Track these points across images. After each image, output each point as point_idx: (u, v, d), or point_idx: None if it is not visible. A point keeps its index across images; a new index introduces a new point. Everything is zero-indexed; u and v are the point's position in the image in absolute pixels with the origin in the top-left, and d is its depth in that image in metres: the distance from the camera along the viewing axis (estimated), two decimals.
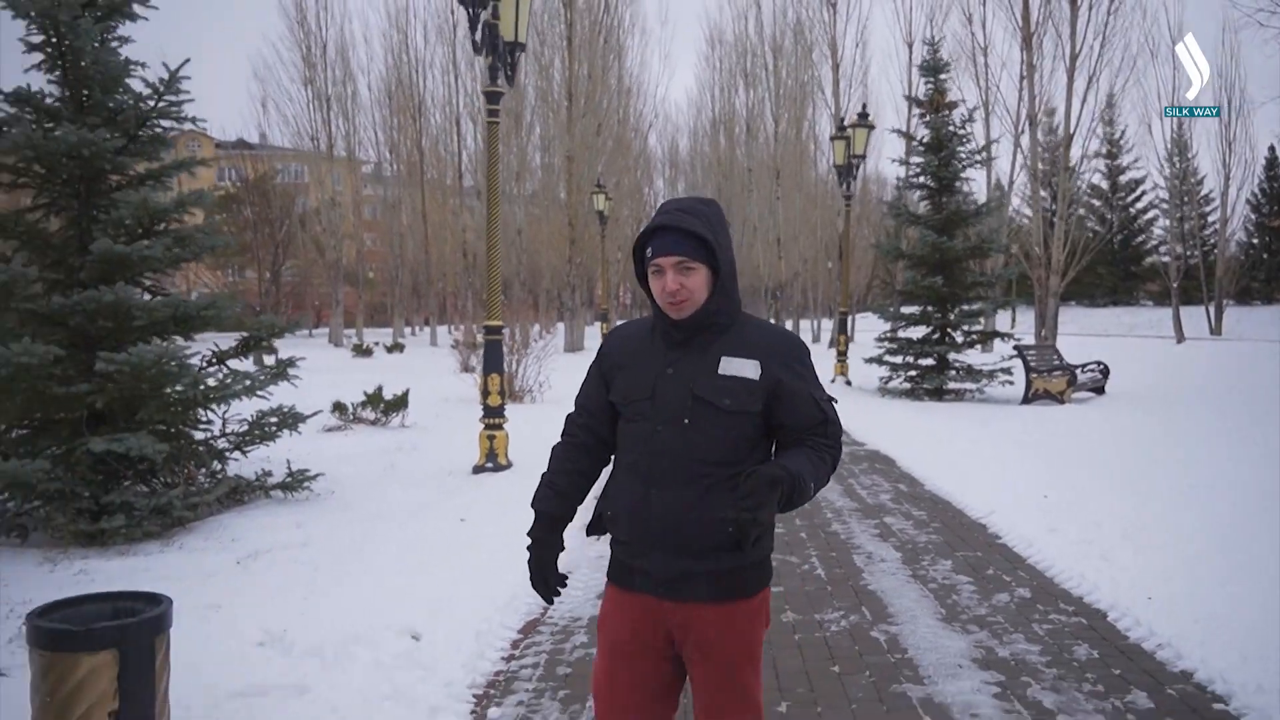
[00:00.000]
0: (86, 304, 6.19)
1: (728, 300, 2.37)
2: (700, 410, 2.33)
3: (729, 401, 2.32)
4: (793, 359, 2.38)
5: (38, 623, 3.16)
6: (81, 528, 5.99)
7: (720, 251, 2.33)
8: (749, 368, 2.33)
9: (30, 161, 6.41)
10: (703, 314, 2.34)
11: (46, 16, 6.10)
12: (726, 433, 2.33)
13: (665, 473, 2.34)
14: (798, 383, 2.36)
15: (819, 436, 2.37)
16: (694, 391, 2.33)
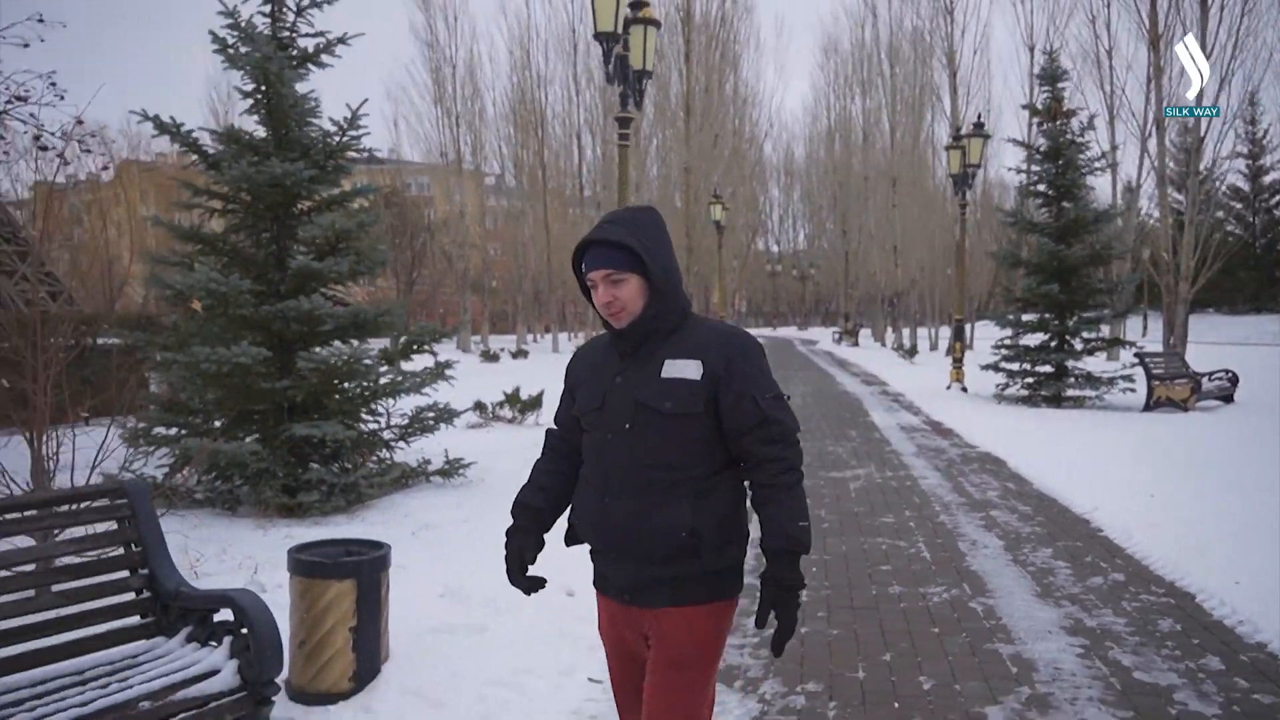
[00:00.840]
0: (287, 312, 7.29)
1: (667, 304, 2.38)
2: (643, 415, 2.35)
3: (670, 404, 2.32)
4: (735, 356, 2.35)
5: (299, 556, 4.09)
6: (283, 501, 7.05)
7: (651, 258, 2.34)
8: (691, 368, 2.33)
9: (240, 190, 7.55)
10: (642, 321, 2.37)
11: (259, 68, 7.22)
12: (672, 436, 2.33)
13: (619, 482, 2.38)
14: (737, 381, 2.33)
15: (761, 443, 2.33)
16: (636, 397, 2.36)
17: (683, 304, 2.43)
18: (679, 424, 2.33)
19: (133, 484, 3.82)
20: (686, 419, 2.32)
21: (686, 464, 2.33)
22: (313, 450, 7.47)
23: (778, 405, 2.35)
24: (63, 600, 3.48)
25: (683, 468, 2.33)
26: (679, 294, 2.41)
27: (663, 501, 2.33)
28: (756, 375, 2.35)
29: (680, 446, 2.34)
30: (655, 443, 2.34)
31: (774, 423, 2.32)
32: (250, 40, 7.27)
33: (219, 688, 3.31)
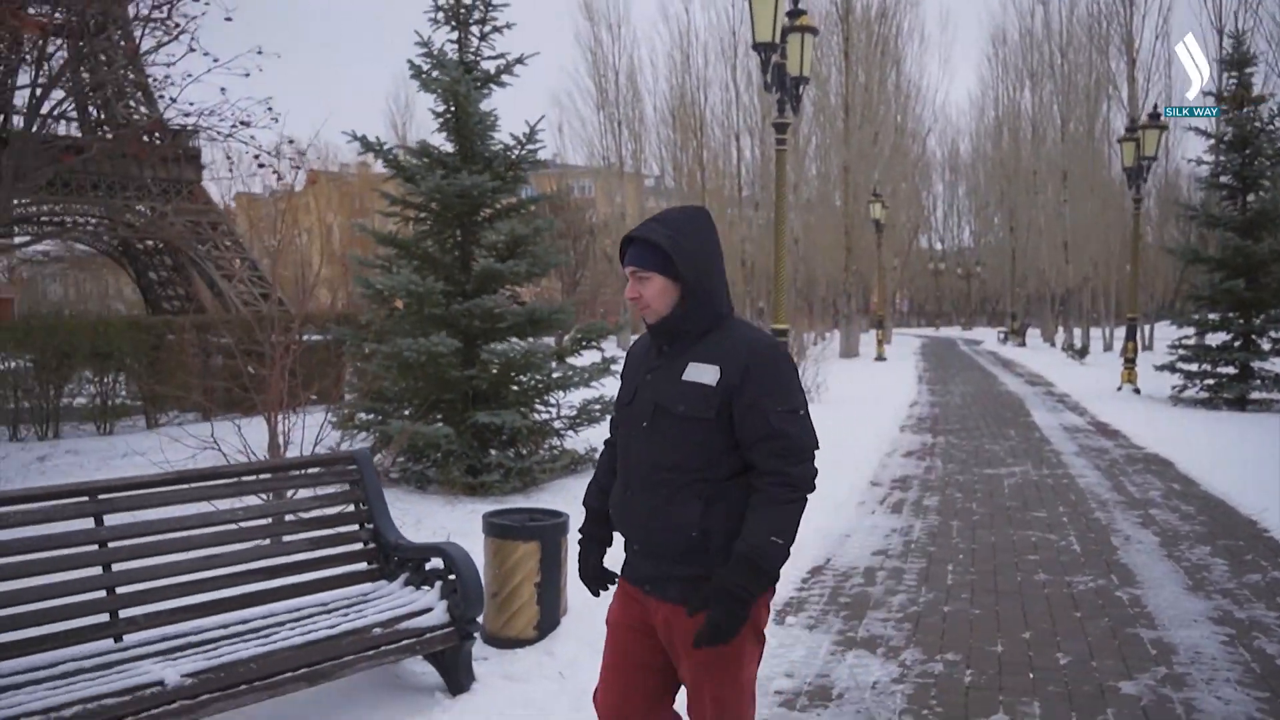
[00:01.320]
0: (472, 310, 8.08)
1: (697, 307, 2.38)
2: (659, 416, 2.38)
3: (683, 407, 2.34)
4: (753, 366, 2.33)
5: (492, 520, 4.75)
6: (468, 481, 7.84)
7: (681, 259, 2.34)
8: (709, 373, 2.33)
9: (432, 201, 8.41)
10: (670, 320, 2.40)
11: (449, 91, 8.05)
12: (684, 438, 2.35)
13: (638, 478, 2.43)
14: (751, 391, 2.31)
15: (766, 456, 2.31)
16: (654, 398, 2.40)
17: (718, 308, 2.41)
18: (691, 427, 2.34)
19: (360, 453, 4.57)
20: (699, 423, 2.33)
21: (698, 466, 2.35)
22: (493, 436, 8.24)
23: (790, 419, 2.31)
24: (309, 545, 4.24)
25: (694, 469, 2.35)
26: (713, 298, 2.40)
27: (674, 501, 2.35)
28: (773, 387, 2.31)
29: (692, 449, 2.35)
30: (668, 443, 2.37)
31: (781, 436, 2.29)
32: (442, 66, 8.11)
33: (432, 622, 3.97)
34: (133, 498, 3.86)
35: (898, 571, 5.98)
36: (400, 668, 4.30)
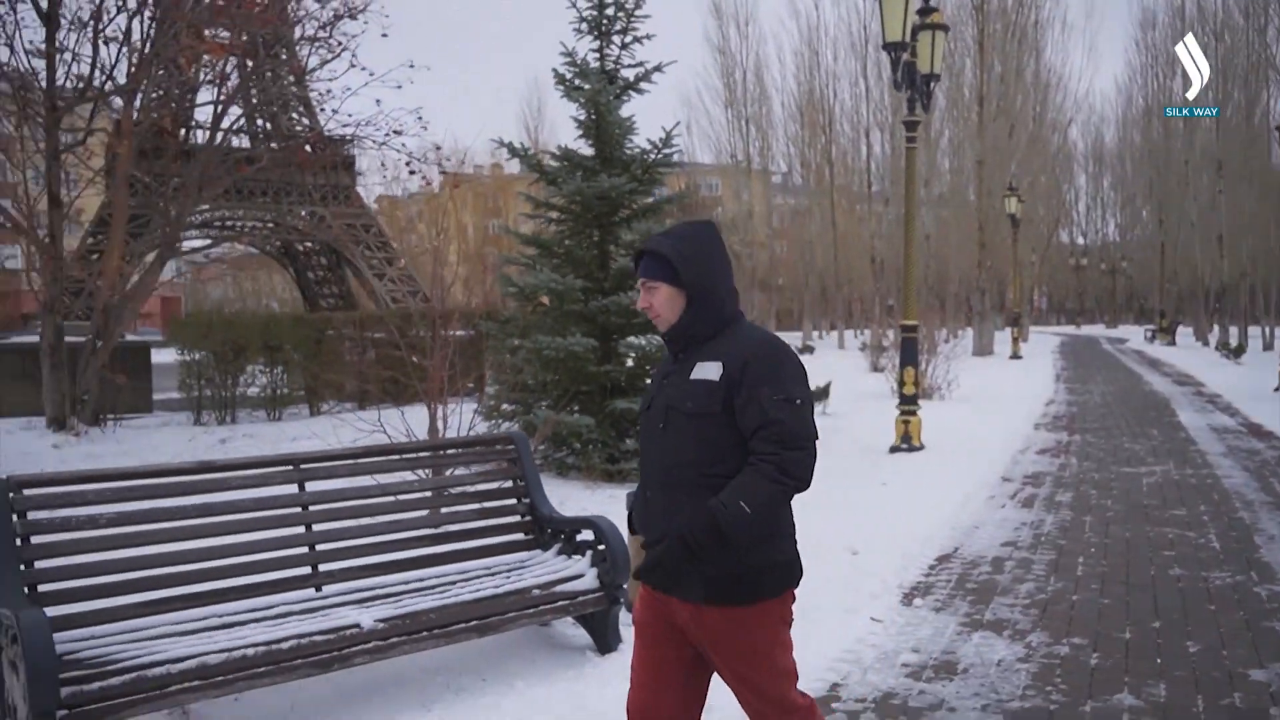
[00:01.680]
0: (610, 306, 8.53)
1: (702, 312, 2.48)
2: (671, 415, 2.47)
3: (691, 404, 2.42)
4: (751, 359, 2.40)
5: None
6: (606, 467, 8.30)
7: (685, 268, 2.45)
8: (713, 370, 2.42)
9: (574, 203, 8.90)
10: (679, 327, 2.51)
11: (591, 100, 8.53)
12: (694, 436, 2.42)
13: (655, 477, 2.51)
14: (749, 382, 2.37)
15: (762, 441, 2.35)
16: (667, 400, 2.50)
17: (723, 312, 2.51)
18: (700, 424, 2.41)
19: (518, 435, 5.04)
20: (707, 419, 2.41)
21: (709, 462, 2.41)
22: (630, 425, 8.67)
23: (785, 407, 2.36)
24: (474, 516, 4.73)
25: (705, 466, 2.41)
26: (719, 304, 2.50)
27: (688, 498, 2.40)
28: (770, 378, 2.38)
29: (702, 446, 2.42)
30: (681, 441, 2.45)
31: (776, 424, 2.34)
32: (585, 76, 8.60)
33: (584, 586, 4.40)
34: (328, 468, 4.43)
35: (1026, 562, 6.08)
36: (554, 629, 4.74)
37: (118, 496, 3.90)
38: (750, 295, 43.39)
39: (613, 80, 8.89)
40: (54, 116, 10.38)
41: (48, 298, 11.17)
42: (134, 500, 3.93)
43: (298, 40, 12.44)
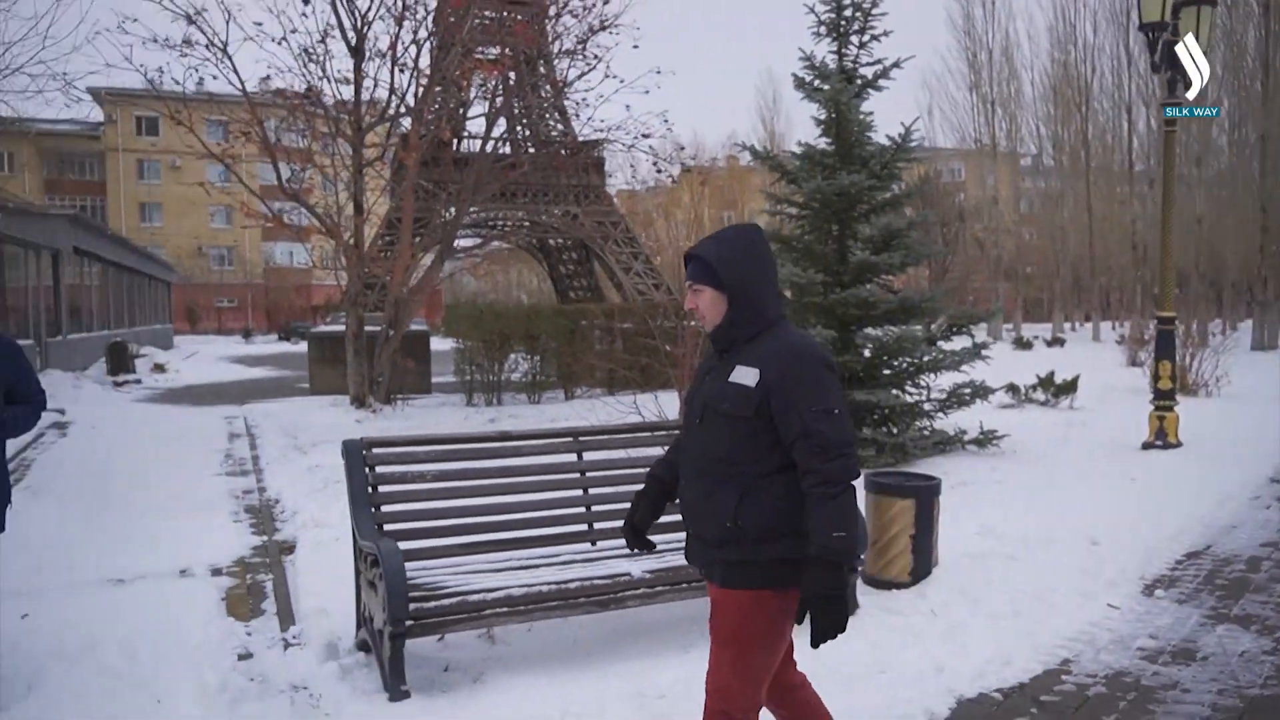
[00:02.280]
0: (848, 299, 8.86)
1: (742, 314, 2.57)
2: (708, 414, 2.61)
3: (727, 406, 2.53)
4: (789, 368, 2.48)
5: (873, 479, 5.52)
6: None
7: (726, 272, 2.56)
8: (750, 375, 2.51)
9: (814, 199, 9.29)
10: (721, 328, 2.61)
11: (831, 100, 8.88)
12: (726, 435, 2.54)
13: (691, 469, 2.67)
14: (787, 391, 2.46)
15: (803, 454, 2.44)
16: (705, 399, 2.63)
17: (764, 314, 2.59)
18: (733, 424, 2.53)
19: None
20: (739, 420, 2.52)
21: (738, 460, 2.54)
22: (868, 414, 8.96)
23: (823, 418, 2.44)
24: None
25: (735, 463, 2.54)
26: (759, 307, 2.58)
27: (716, 491, 2.56)
28: (807, 388, 2.46)
29: (734, 444, 2.54)
30: (714, 439, 2.58)
31: (814, 435, 2.43)
32: (824, 78, 8.95)
33: None
34: (601, 440, 5.14)
35: None
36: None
37: (440, 457, 4.79)
38: (994, 285, 41.55)
39: (851, 80, 9.17)
40: (359, 136, 12.04)
41: (352, 292, 12.92)
42: (452, 461, 4.81)
43: (556, 55, 13.55)
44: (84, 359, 22.17)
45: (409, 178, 12.46)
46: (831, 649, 4.35)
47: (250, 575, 6.01)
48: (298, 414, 13.37)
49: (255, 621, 5.11)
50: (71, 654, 4.51)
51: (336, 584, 5.24)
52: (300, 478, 8.85)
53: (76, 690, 4.10)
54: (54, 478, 9.20)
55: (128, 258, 30.46)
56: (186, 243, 61.66)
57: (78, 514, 7.65)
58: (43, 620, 5.02)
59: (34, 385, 4.06)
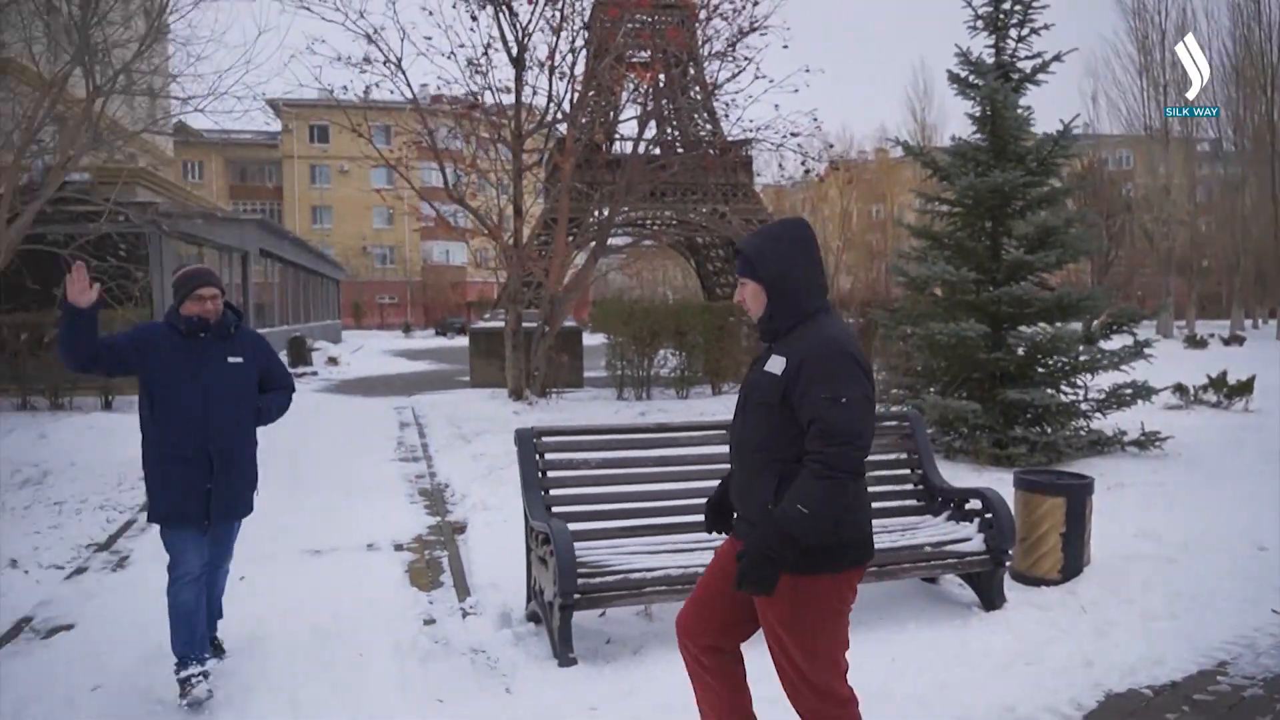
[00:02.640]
0: (1001, 296, 8.77)
1: (779, 308, 2.68)
2: (748, 403, 2.73)
3: (758, 395, 2.66)
4: (808, 359, 2.56)
5: (1023, 476, 5.57)
6: (994, 452, 8.59)
7: (764, 266, 2.66)
8: (778, 365, 2.61)
9: (966, 196, 9.22)
10: (764, 320, 2.73)
11: (987, 97, 8.81)
12: (762, 422, 2.64)
13: (735, 455, 2.81)
14: (804, 380, 2.54)
15: (811, 438, 2.52)
16: (746, 389, 2.76)
17: (802, 309, 2.67)
18: (764, 412, 2.64)
19: (913, 414, 5.68)
20: (768, 408, 2.63)
21: (773, 447, 2.62)
22: (1019, 413, 8.86)
23: (831, 406, 2.50)
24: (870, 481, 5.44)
25: (771, 450, 2.63)
26: (795, 300, 2.67)
27: (756, 477, 2.66)
28: (823, 378, 2.53)
29: (768, 432, 2.63)
30: (751, 427, 2.70)
31: (820, 420, 2.50)
32: (980, 74, 8.88)
33: (971, 549, 4.95)
34: None
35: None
36: (941, 587, 5.34)
37: (602, 446, 5.16)
38: (1164, 279, 39.20)
39: (1008, 75, 9.06)
40: (519, 142, 12.67)
41: (511, 290, 13.60)
42: (613, 450, 5.17)
43: (706, 57, 13.82)
44: None
45: (563, 180, 13.02)
46: (977, 640, 4.54)
47: (428, 551, 6.57)
48: (460, 405, 14.17)
49: (435, 592, 5.63)
50: (284, 611, 5.13)
51: (506, 561, 5.71)
52: (466, 464, 9.47)
53: (290, 642, 4.69)
54: None
55: (303, 257, 32.68)
56: (353, 242, 65.32)
57: (276, 493, 8.45)
58: (258, 583, 5.69)
59: (284, 371, 4.45)
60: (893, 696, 3.89)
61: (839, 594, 2.66)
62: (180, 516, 4.02)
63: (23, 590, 5.66)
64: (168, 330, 4.06)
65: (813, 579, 2.58)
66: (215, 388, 4.05)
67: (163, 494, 4.00)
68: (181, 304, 4.06)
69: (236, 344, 4.18)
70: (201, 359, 4.04)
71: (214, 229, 18.15)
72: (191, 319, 4.04)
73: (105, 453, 10.35)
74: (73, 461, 9.83)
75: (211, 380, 4.04)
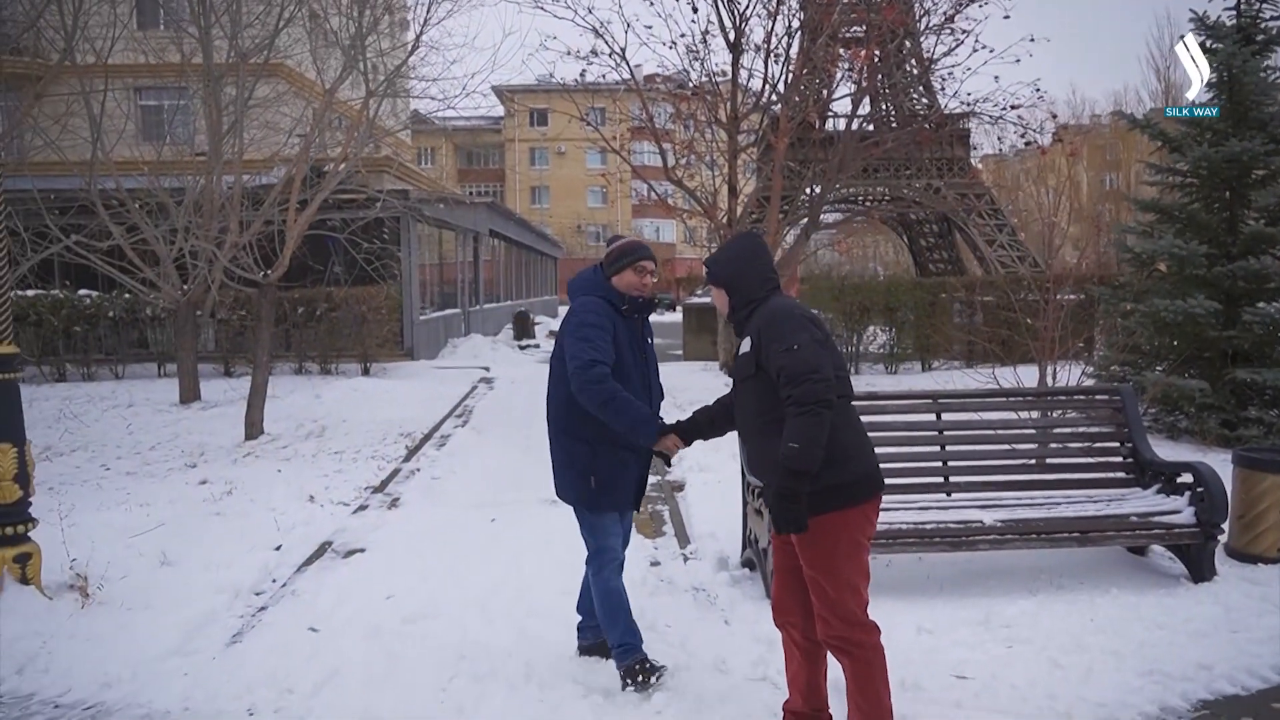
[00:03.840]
0: (1236, 272, 8.41)
1: (738, 301, 3.27)
2: (736, 384, 3.32)
3: (740, 372, 3.22)
4: (764, 325, 3.10)
5: (1243, 454, 5.52)
6: (1223, 433, 8.29)
7: (717, 271, 3.32)
8: (746, 344, 3.18)
9: (1200, 168, 8.86)
10: (731, 314, 3.34)
11: (1225, 63, 8.42)
12: (750, 393, 3.18)
13: (741, 432, 3.42)
14: (764, 345, 3.06)
15: (782, 386, 2.96)
16: (734, 370, 3.33)
17: (753, 297, 3.25)
18: (749, 385, 3.17)
19: (1124, 388, 5.74)
20: (751, 380, 3.16)
21: (763, 411, 3.12)
22: (1254, 394, 8.47)
23: (786, 355, 2.98)
24: (1079, 453, 5.59)
25: (762, 414, 3.13)
26: (747, 293, 3.25)
27: (765, 440, 3.11)
28: (774, 337, 3.04)
29: (756, 400, 3.15)
30: (744, 399, 3.26)
31: (782, 369, 2.97)
32: (1219, 38, 8.49)
33: (1180, 521, 5.02)
34: (959, 403, 5.67)
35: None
36: (1150, 559, 5.42)
37: None
38: None
39: (1250, 39, 8.60)
40: (734, 124, 13.11)
41: None
42: None
43: (923, 31, 13.68)
44: (495, 326, 25.88)
45: (776, 159, 13.35)
46: (1182, 608, 4.67)
47: (651, 506, 7.24)
48: (674, 376, 14.88)
49: (659, 540, 6.28)
50: (530, 548, 5.94)
51: (722, 515, 6.29)
52: None
53: (549, 570, 5.45)
54: (492, 422, 11.31)
55: (526, 237, 34.69)
56: (569, 221, 68.10)
57: (515, 449, 9.49)
58: (505, 525, 6.57)
59: None
60: (1087, 649, 4.13)
61: (858, 526, 3.05)
62: (623, 503, 3.91)
63: (322, 520, 6.80)
64: (609, 309, 3.79)
65: (832, 515, 2.98)
66: (653, 374, 3.95)
67: (619, 481, 3.84)
68: (620, 273, 3.84)
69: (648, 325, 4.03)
70: (641, 341, 3.92)
71: (454, 213, 19.82)
72: (636, 299, 3.84)
73: (369, 411, 11.83)
74: (344, 419, 11.32)
75: (648, 363, 3.94)
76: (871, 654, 3.08)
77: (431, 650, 4.35)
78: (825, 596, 3.06)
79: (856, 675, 3.08)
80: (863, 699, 3.08)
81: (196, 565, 5.59)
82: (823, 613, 3.08)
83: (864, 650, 3.07)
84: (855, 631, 3.07)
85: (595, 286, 3.87)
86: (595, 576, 3.99)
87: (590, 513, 3.90)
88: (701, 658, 4.21)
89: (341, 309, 14.82)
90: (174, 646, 4.46)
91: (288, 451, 9.35)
